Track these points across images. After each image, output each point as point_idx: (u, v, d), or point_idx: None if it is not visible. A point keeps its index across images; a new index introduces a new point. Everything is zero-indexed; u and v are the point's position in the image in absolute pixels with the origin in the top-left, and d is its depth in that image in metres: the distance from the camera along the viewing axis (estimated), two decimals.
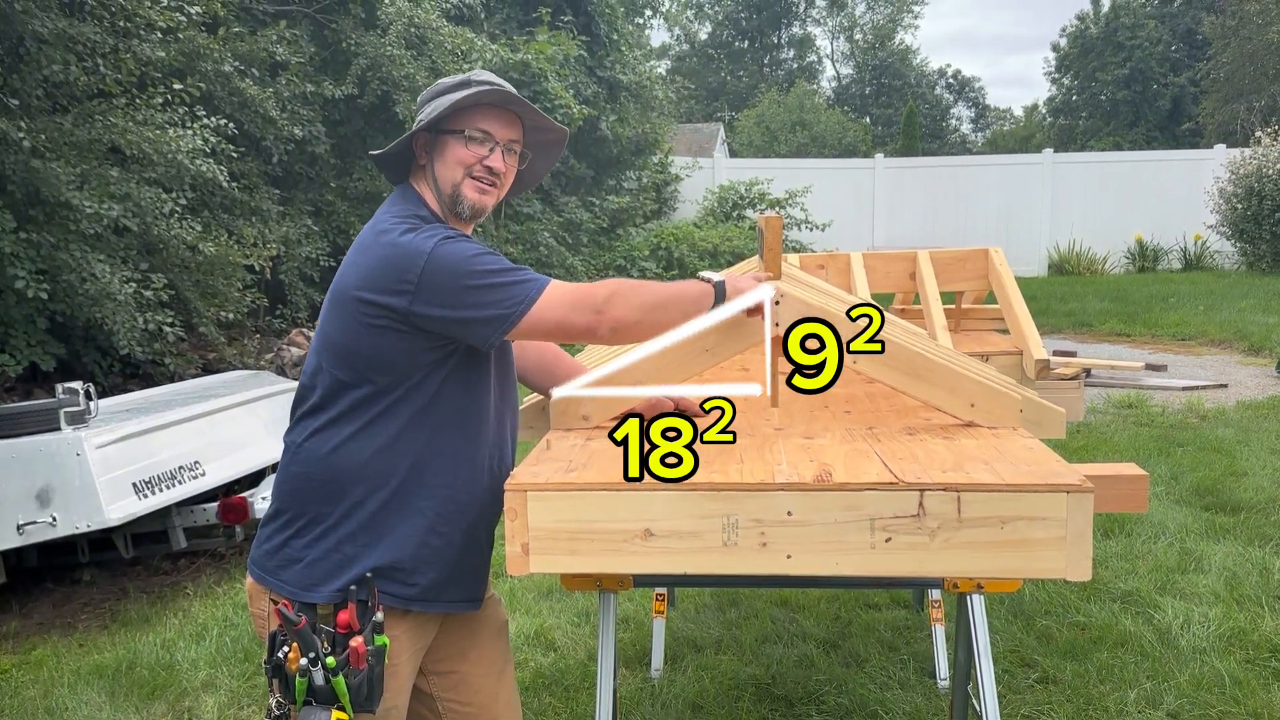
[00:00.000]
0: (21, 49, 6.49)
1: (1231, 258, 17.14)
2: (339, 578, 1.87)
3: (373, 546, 1.88)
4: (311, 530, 1.90)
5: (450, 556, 1.96)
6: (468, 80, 1.98)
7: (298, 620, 1.78)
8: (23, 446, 4.27)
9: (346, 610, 1.83)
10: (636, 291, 1.91)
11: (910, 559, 1.73)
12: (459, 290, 1.81)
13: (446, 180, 1.97)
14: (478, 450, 1.98)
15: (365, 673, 1.79)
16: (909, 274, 4.13)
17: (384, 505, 1.89)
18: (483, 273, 1.82)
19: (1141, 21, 36.85)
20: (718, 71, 47.25)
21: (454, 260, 1.82)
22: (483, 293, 1.82)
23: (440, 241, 1.83)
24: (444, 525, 1.94)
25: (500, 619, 2.24)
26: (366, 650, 1.80)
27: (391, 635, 1.90)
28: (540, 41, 13.24)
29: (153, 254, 7.37)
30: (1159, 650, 3.72)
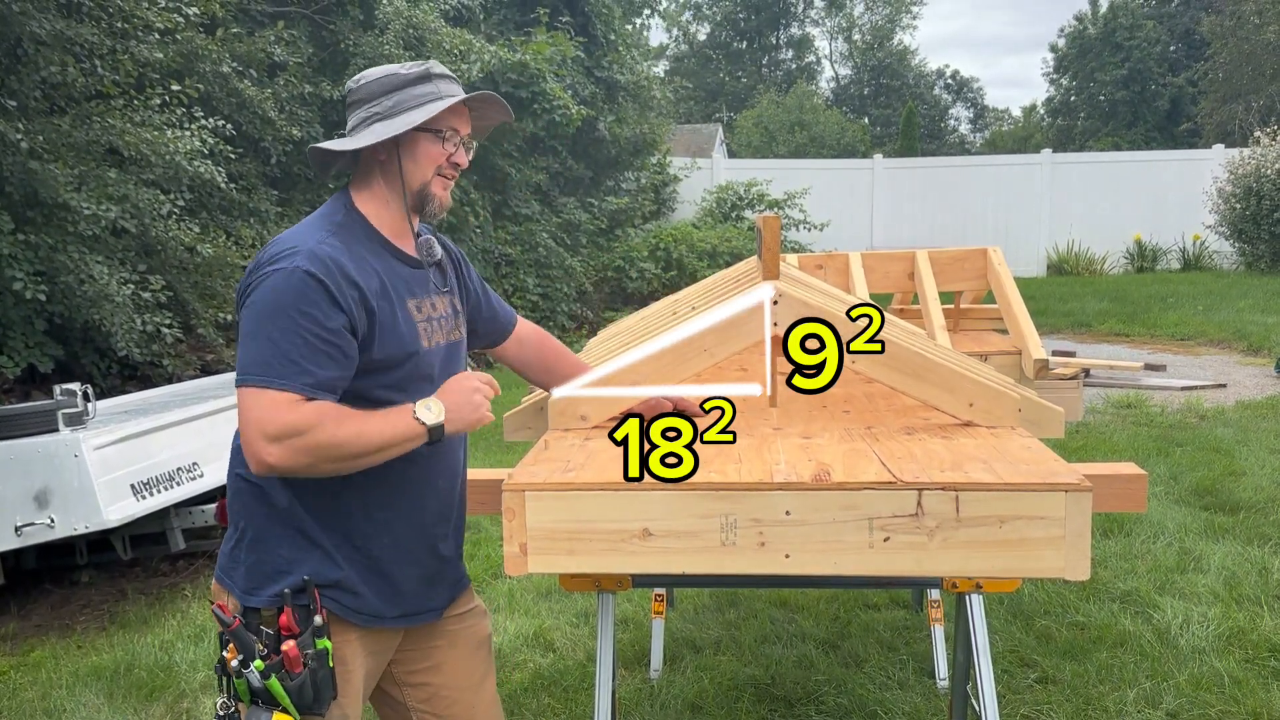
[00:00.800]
0: (19, 50, 6.49)
1: (1230, 258, 17.15)
2: (276, 583, 1.85)
3: (302, 559, 1.86)
4: (249, 536, 1.90)
5: (382, 572, 1.93)
6: (428, 73, 1.92)
7: (230, 621, 1.80)
8: (21, 448, 4.27)
9: (285, 614, 1.82)
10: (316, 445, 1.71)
11: (909, 558, 1.73)
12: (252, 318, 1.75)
13: (416, 178, 1.92)
14: (409, 464, 1.90)
15: (305, 676, 1.78)
16: (908, 274, 4.13)
17: (309, 517, 1.87)
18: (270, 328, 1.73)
19: (1139, 22, 36.87)
20: (716, 72, 47.25)
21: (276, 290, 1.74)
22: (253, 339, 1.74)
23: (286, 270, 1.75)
24: (370, 540, 1.91)
25: (481, 633, 2.18)
26: (305, 654, 1.79)
27: (344, 641, 1.88)
28: (538, 42, 13.23)
29: (151, 255, 7.37)
30: (1158, 650, 3.72)
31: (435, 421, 1.79)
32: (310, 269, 1.75)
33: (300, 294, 1.74)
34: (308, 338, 1.73)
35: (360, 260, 1.84)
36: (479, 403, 1.86)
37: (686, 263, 14.43)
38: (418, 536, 1.98)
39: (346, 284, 1.78)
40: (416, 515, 1.97)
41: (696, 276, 13.07)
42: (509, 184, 13.03)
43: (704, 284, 3.46)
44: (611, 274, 14.44)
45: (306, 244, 1.79)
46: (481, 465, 2.19)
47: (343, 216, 1.91)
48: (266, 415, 1.69)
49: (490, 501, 2.23)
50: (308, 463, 1.72)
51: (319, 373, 1.74)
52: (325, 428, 1.71)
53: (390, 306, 1.87)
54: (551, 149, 13.81)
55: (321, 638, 1.82)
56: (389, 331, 1.86)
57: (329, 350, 1.75)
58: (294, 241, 1.81)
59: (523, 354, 2.35)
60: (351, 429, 1.73)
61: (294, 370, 1.72)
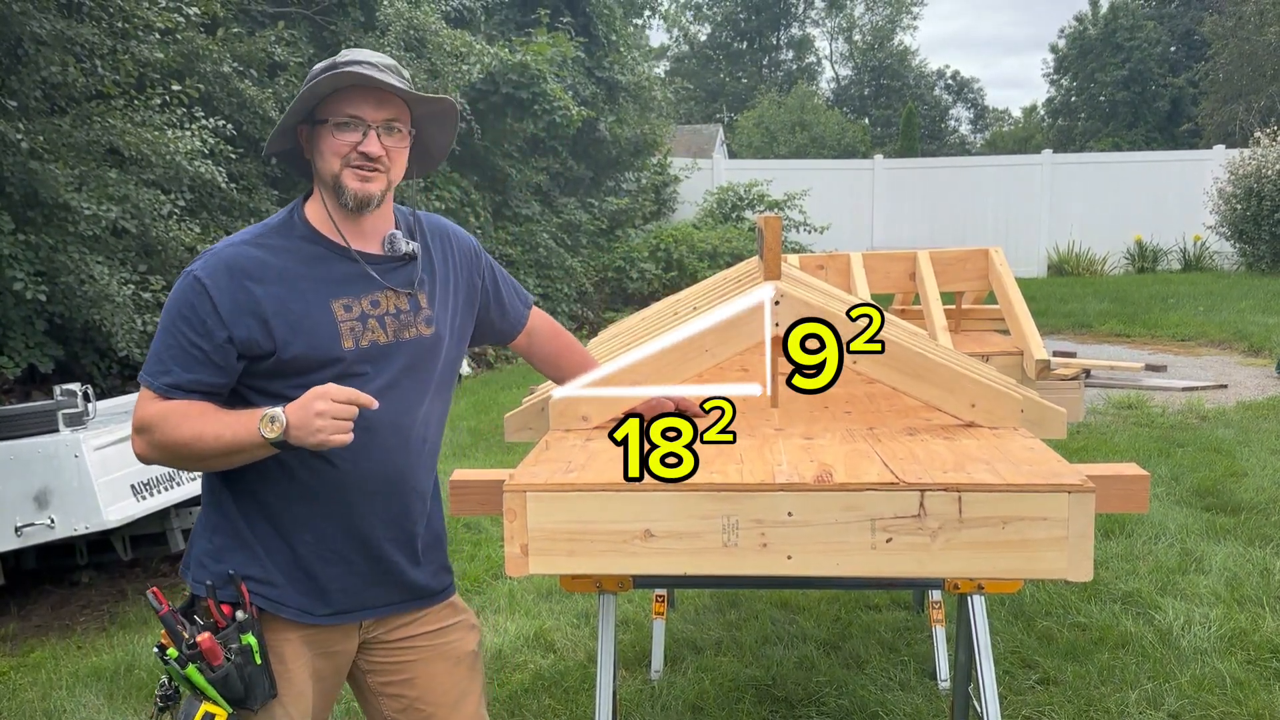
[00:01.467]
0: (20, 50, 6.48)
1: (1231, 258, 17.14)
2: (210, 571, 1.88)
3: (232, 548, 1.89)
4: (201, 523, 1.97)
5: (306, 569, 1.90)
6: (333, 64, 1.86)
7: (160, 607, 1.82)
8: (21, 448, 4.27)
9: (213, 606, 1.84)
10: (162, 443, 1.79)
11: (911, 560, 1.72)
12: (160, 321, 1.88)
13: (326, 172, 1.87)
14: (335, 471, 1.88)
15: (228, 669, 1.78)
16: (909, 274, 4.13)
17: (235, 509, 1.90)
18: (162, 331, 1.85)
19: (1140, 23, 36.88)
20: (717, 73, 47.26)
21: (173, 297, 1.85)
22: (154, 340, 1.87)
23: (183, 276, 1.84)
24: (291, 535, 1.89)
25: (463, 649, 2.11)
26: (229, 647, 1.79)
27: (282, 639, 1.89)
28: (539, 43, 13.23)
29: (151, 255, 7.36)
30: (1160, 651, 3.72)
31: (275, 437, 1.72)
32: (199, 275, 1.82)
33: (184, 299, 1.81)
34: (180, 340, 1.81)
35: (277, 260, 1.85)
36: (318, 427, 1.72)
37: (687, 263, 14.42)
38: (346, 537, 1.92)
39: (233, 288, 1.81)
40: (342, 516, 1.91)
41: (697, 277, 13.06)
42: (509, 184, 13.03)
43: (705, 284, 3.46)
44: (612, 274, 14.43)
45: (215, 249, 1.87)
46: (483, 466, 2.18)
47: (282, 219, 1.93)
48: (136, 408, 1.83)
49: (491, 502, 2.22)
50: (162, 457, 1.83)
51: (182, 374, 1.81)
52: (166, 425, 1.78)
53: (303, 307, 1.84)
54: (552, 149, 13.81)
55: (246, 633, 1.82)
56: (295, 332, 1.83)
57: (196, 354, 1.80)
58: (212, 248, 1.89)
59: (531, 348, 2.33)
60: (190, 430, 1.78)
61: (159, 369, 1.81)
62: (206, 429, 1.77)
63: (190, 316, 1.80)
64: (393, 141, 1.90)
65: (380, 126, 1.87)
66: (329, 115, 1.85)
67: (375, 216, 1.95)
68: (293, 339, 1.82)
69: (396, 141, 1.91)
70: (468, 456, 6.99)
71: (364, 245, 1.93)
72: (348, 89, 1.84)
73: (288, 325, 1.82)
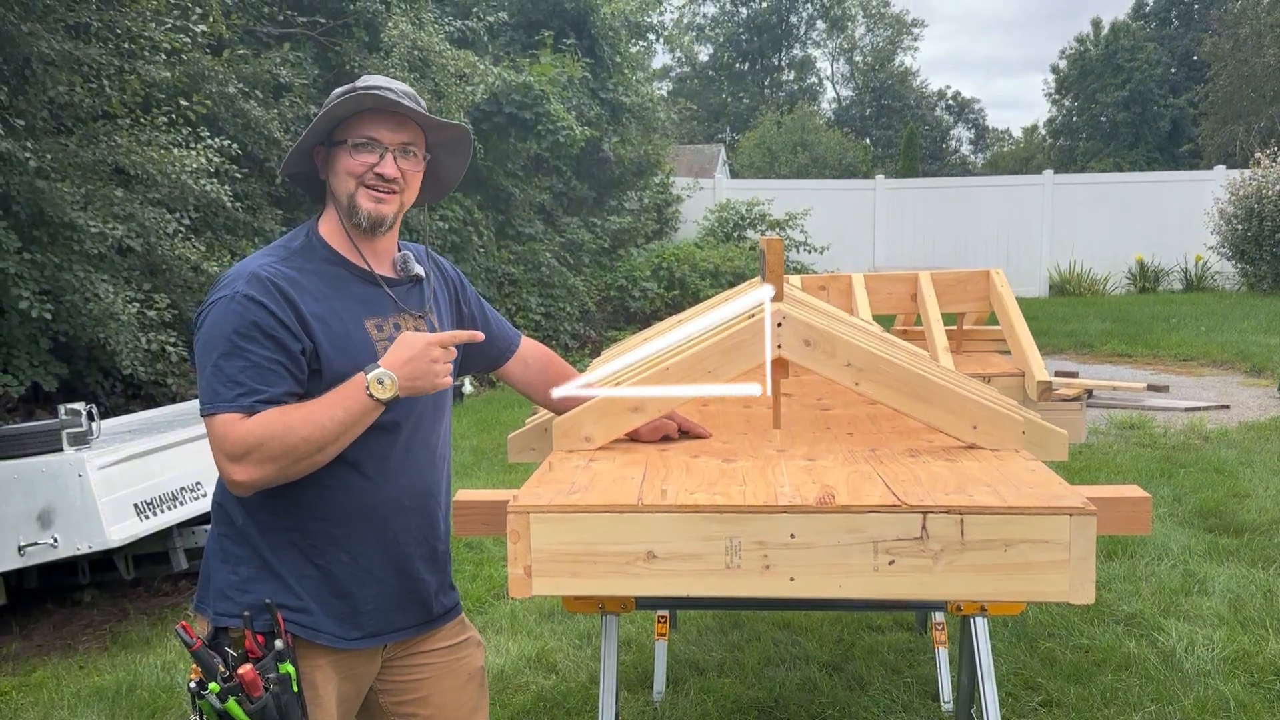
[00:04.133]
0: (27, 70, 6.53)
1: (1232, 279, 17.15)
2: (238, 603, 1.86)
3: (266, 575, 1.88)
4: (221, 553, 1.92)
5: (343, 592, 1.91)
6: (352, 87, 1.90)
7: (192, 642, 1.79)
8: (25, 467, 4.27)
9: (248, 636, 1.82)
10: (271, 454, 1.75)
11: (913, 581, 1.73)
12: (200, 350, 1.83)
13: (341, 192, 1.91)
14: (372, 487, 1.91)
15: (268, 699, 1.77)
16: (910, 295, 4.14)
17: (262, 536, 1.89)
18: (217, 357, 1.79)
19: (1140, 44, 37.05)
20: (719, 93, 47.47)
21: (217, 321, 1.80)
22: (202, 371, 1.81)
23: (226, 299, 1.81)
24: (328, 558, 1.90)
25: (472, 665, 2.15)
26: (267, 678, 1.78)
27: (313, 665, 1.88)
28: (543, 64, 13.31)
29: (156, 274, 7.39)
30: (1163, 673, 3.71)
31: (389, 395, 1.78)
32: (249, 293, 1.80)
33: (241, 318, 1.78)
34: (252, 359, 1.78)
35: (308, 281, 1.87)
36: (438, 370, 1.82)
37: (689, 282, 14.45)
38: (381, 556, 1.95)
39: (286, 303, 1.81)
40: (377, 534, 1.94)
41: (699, 296, 13.09)
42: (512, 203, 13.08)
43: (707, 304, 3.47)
44: (614, 293, 14.46)
45: (247, 270, 1.84)
46: (486, 485, 2.18)
47: (301, 241, 1.94)
48: (220, 439, 1.76)
49: (494, 523, 2.23)
50: (276, 470, 1.76)
51: (268, 390, 1.78)
52: (275, 435, 1.75)
53: (342, 326, 1.88)
54: (555, 169, 13.87)
55: (284, 662, 1.81)
56: (339, 351, 1.86)
57: (276, 369, 1.79)
58: (237, 270, 1.86)
59: (527, 375, 2.35)
60: (304, 428, 1.76)
61: (240, 392, 1.77)
62: (317, 419, 1.77)
63: (256, 334, 1.78)
64: (408, 165, 1.93)
65: (397, 149, 1.91)
66: (347, 136, 1.89)
67: (387, 239, 1.99)
68: (336, 357, 1.86)
69: (411, 165, 1.94)
70: (471, 475, 6.99)
71: (378, 267, 1.98)
72: (366, 112, 1.88)
73: (331, 343, 1.85)
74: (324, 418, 1.77)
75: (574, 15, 15.03)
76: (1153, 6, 40.07)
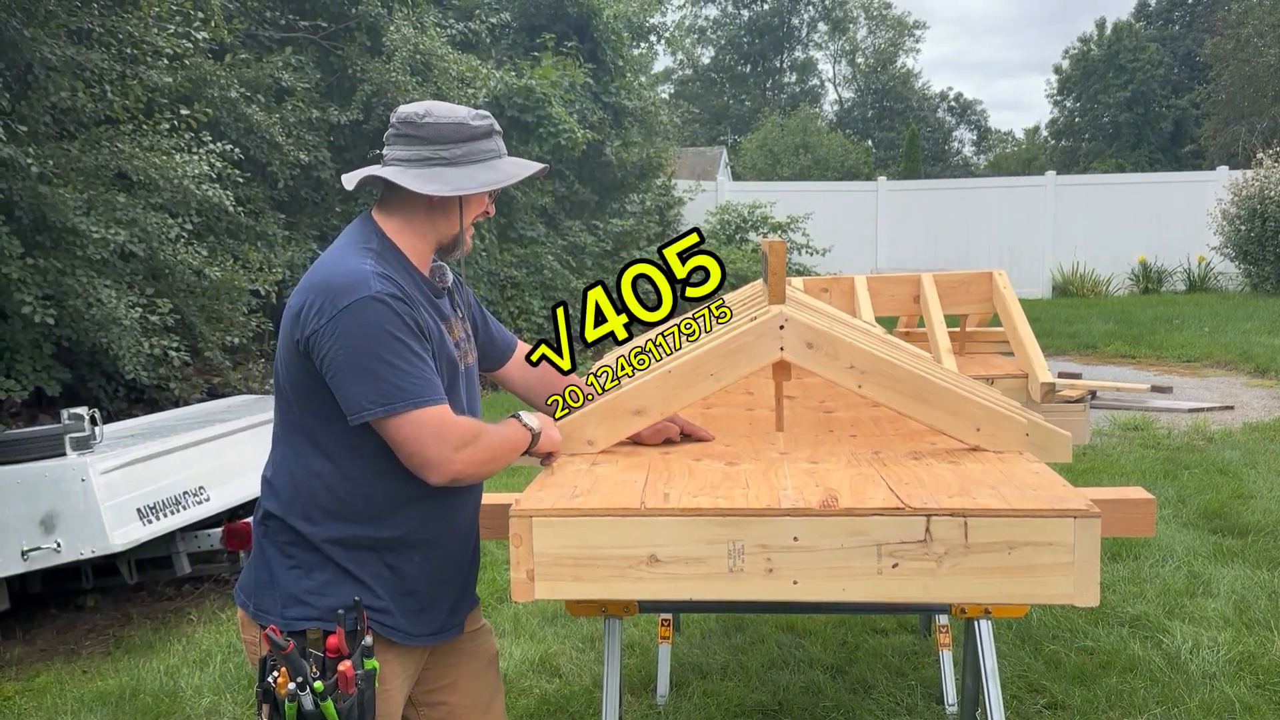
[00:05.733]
0: (30, 76, 6.54)
1: (1236, 279, 17.11)
2: (320, 604, 1.88)
3: (342, 578, 1.90)
4: (284, 562, 1.93)
5: (418, 589, 1.97)
6: (491, 129, 2.00)
7: (285, 645, 1.80)
8: (28, 472, 4.27)
9: (335, 635, 1.84)
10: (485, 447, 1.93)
11: (917, 585, 1.72)
12: (353, 350, 1.80)
13: (456, 225, 2.01)
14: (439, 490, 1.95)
15: (355, 697, 1.80)
16: (913, 297, 4.13)
17: (346, 536, 1.91)
18: (388, 356, 1.80)
19: (1143, 44, 37.05)
20: (720, 95, 47.49)
21: (370, 322, 1.80)
22: (371, 372, 1.79)
23: (367, 299, 1.81)
24: (408, 557, 1.95)
25: (490, 651, 2.23)
26: (356, 674, 1.81)
27: (382, 660, 1.90)
28: (545, 67, 13.31)
29: (158, 279, 7.39)
30: (1168, 675, 3.70)
31: (537, 428, 2.07)
32: (391, 291, 1.84)
33: (394, 317, 1.83)
34: (419, 355, 1.85)
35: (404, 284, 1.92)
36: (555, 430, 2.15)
37: None
38: (450, 557, 2.03)
39: (410, 305, 1.88)
40: (449, 537, 2.02)
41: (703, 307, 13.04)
42: (514, 206, 13.08)
43: None
44: None
45: (360, 270, 1.85)
46: (488, 490, 2.19)
47: (378, 244, 1.95)
48: (443, 430, 1.84)
49: (497, 527, 2.23)
50: (477, 469, 1.92)
51: (439, 383, 1.89)
52: (481, 434, 1.92)
53: (438, 329, 1.96)
54: (557, 172, 13.87)
55: (370, 658, 1.85)
56: (439, 352, 1.95)
57: (433, 364, 1.89)
58: (348, 270, 1.85)
59: (527, 378, 2.36)
60: (494, 436, 1.96)
61: (431, 386, 1.85)
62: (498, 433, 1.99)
63: (412, 331, 1.85)
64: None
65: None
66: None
67: None
68: (441, 356, 1.95)
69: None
70: None
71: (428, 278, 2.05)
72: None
73: (435, 342, 1.94)
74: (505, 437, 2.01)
75: (576, 18, 15.04)
76: (1155, 7, 40.06)
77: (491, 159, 1.99)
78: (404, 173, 1.93)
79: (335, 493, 1.90)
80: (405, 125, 1.95)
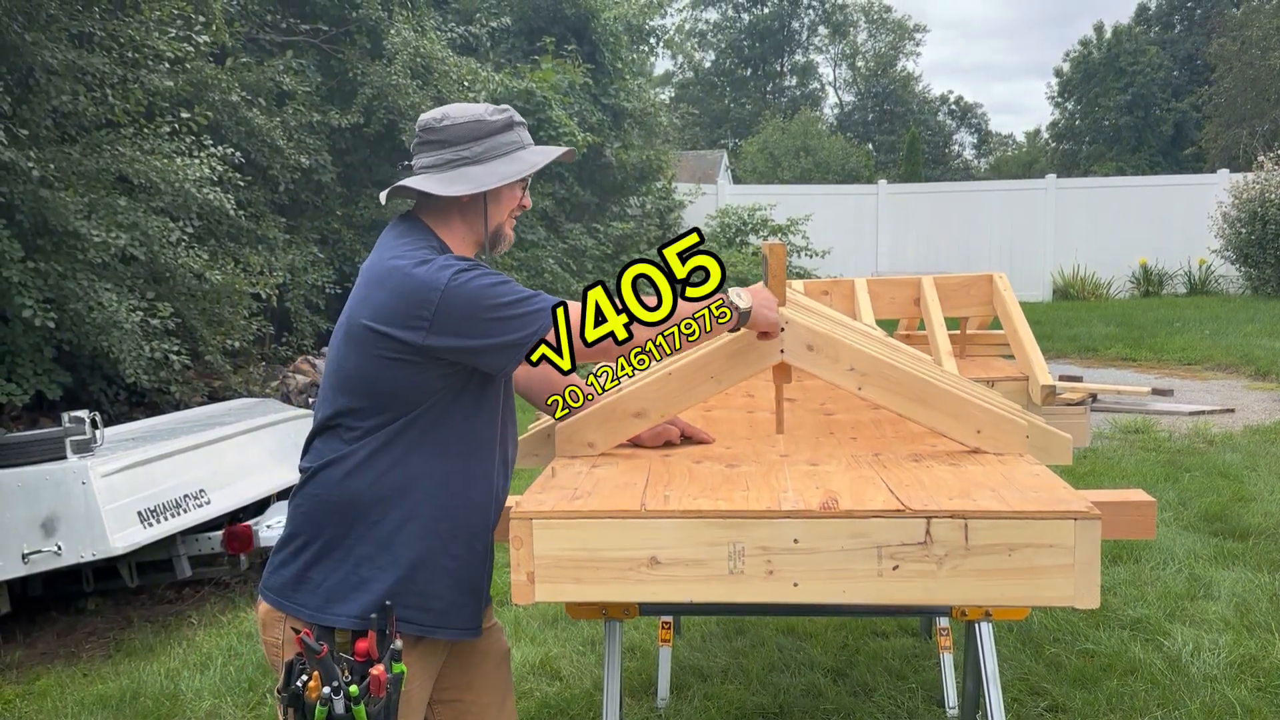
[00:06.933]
0: (31, 80, 6.55)
1: (1236, 282, 17.11)
2: (357, 602, 1.88)
3: (388, 568, 1.90)
4: (328, 554, 1.92)
5: (462, 578, 1.99)
6: (510, 122, 2.06)
7: (319, 649, 1.79)
8: (29, 475, 4.27)
9: (366, 638, 1.84)
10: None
11: (918, 587, 1.72)
12: (475, 320, 1.86)
13: (496, 220, 2.05)
14: (488, 472, 2.02)
15: (384, 700, 1.80)
16: (913, 300, 4.13)
17: (399, 526, 1.91)
18: (500, 304, 1.87)
19: (1143, 47, 37.07)
20: (721, 98, 47.53)
21: (471, 291, 1.86)
22: (500, 323, 1.87)
23: (455, 274, 1.87)
24: (456, 547, 1.97)
25: (503, 648, 2.25)
26: (386, 678, 1.81)
27: (406, 662, 1.90)
28: (545, 70, 13.33)
29: (159, 282, 7.40)
30: (1169, 678, 3.69)
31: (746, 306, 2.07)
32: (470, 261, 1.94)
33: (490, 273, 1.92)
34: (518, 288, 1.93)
35: None
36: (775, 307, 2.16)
37: None
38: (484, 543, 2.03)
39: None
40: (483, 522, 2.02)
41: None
42: None
43: None
44: None
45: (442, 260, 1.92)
46: None
47: (438, 246, 2.00)
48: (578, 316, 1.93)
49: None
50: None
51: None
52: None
53: None
54: (558, 175, 13.88)
55: (398, 661, 1.85)
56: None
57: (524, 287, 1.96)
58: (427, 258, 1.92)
59: (530, 378, 2.36)
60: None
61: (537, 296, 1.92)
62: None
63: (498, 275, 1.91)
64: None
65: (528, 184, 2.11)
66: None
67: None
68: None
69: None
70: None
71: None
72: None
73: None
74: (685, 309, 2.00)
75: (575, 21, 15.06)
76: (1155, 10, 40.10)
77: (514, 151, 2.03)
78: (429, 179, 1.99)
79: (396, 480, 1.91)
80: (426, 132, 2.03)
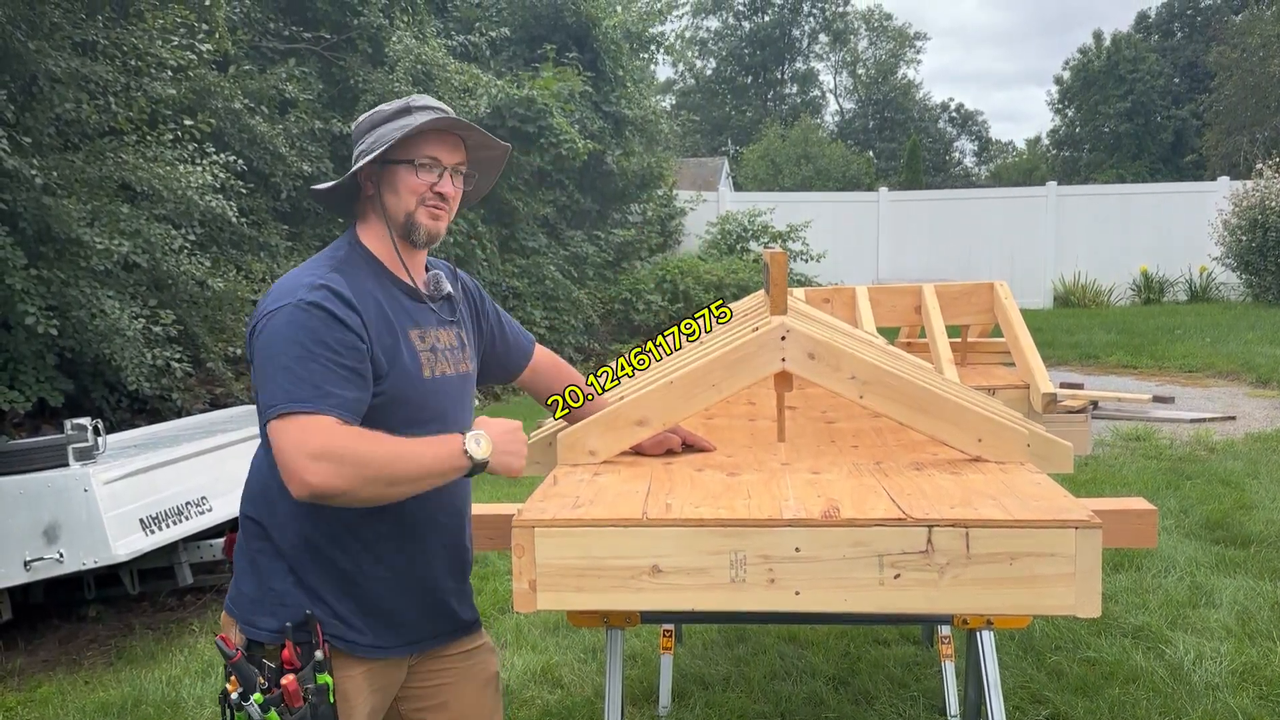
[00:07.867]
0: (34, 88, 6.57)
1: (1237, 290, 17.11)
2: (275, 615, 1.87)
3: (298, 588, 1.89)
4: (252, 567, 1.94)
5: (381, 608, 1.94)
6: (408, 106, 1.97)
7: (232, 654, 1.82)
8: (31, 482, 4.28)
9: (287, 648, 1.84)
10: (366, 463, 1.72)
11: (919, 595, 1.72)
12: (265, 357, 1.79)
13: (398, 209, 1.96)
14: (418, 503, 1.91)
15: (305, 710, 1.79)
16: (914, 308, 4.14)
17: (305, 547, 1.89)
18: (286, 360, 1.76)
19: (1143, 55, 37.14)
20: (722, 106, 47.61)
21: (279, 330, 1.79)
22: (271, 376, 1.77)
23: (290, 306, 1.80)
24: (371, 579, 1.93)
25: (489, 671, 2.18)
26: (305, 688, 1.80)
27: (346, 676, 1.89)
28: (545, 77, 13.36)
29: (162, 290, 7.40)
30: (1171, 686, 3.69)
31: (482, 457, 1.81)
32: (312, 299, 1.81)
33: (306, 325, 1.79)
34: (324, 364, 1.77)
35: (361, 290, 1.89)
36: (521, 452, 1.89)
37: (693, 295, 14.46)
38: (419, 571, 1.99)
39: (351, 310, 1.84)
40: (419, 553, 1.98)
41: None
42: (516, 217, 13.10)
43: None
44: (618, 306, 14.47)
45: (304, 280, 1.86)
46: (490, 499, 2.19)
47: (345, 251, 1.97)
48: (304, 437, 1.70)
49: (499, 537, 2.24)
50: (346, 484, 1.70)
51: (342, 394, 1.77)
52: (359, 446, 1.73)
53: (393, 335, 1.91)
54: (559, 182, 13.90)
55: (322, 672, 1.83)
56: (394, 360, 1.90)
57: (345, 373, 1.79)
58: (293, 281, 1.88)
59: (536, 382, 2.38)
60: (387, 449, 1.75)
61: (318, 394, 1.75)
62: (403, 448, 1.76)
63: (326, 339, 1.78)
64: (458, 184, 2.02)
65: (452, 169, 1.99)
66: (412, 156, 1.95)
67: (423, 254, 2.06)
68: (390, 366, 1.90)
69: (460, 185, 2.03)
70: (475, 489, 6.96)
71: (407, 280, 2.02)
72: (428, 131, 1.95)
73: (384, 352, 1.89)
74: (411, 454, 1.77)
75: (576, 29, 15.09)
76: (1155, 18, 40.18)
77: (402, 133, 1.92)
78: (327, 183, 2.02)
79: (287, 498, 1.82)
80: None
